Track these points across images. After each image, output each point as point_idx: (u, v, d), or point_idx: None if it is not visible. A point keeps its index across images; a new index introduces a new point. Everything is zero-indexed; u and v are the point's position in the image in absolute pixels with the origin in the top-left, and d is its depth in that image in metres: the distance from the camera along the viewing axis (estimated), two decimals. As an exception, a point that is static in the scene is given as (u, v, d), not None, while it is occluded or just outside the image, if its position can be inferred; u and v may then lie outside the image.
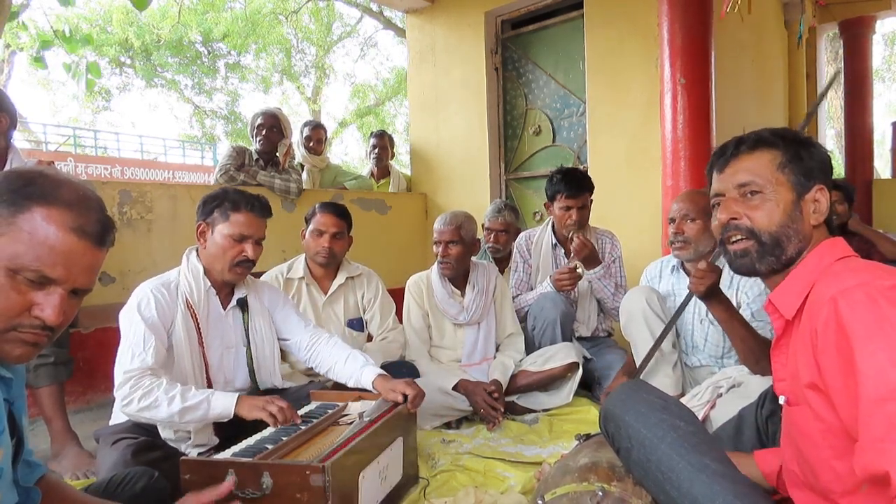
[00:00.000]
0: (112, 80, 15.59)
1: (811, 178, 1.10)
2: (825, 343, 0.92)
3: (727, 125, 3.57)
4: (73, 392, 2.52)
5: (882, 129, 10.85)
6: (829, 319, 0.91)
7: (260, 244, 1.88)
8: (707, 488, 1.03)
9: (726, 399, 1.85)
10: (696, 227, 2.14)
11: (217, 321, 1.89)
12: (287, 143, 3.70)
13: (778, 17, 5.06)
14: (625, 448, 1.18)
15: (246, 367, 1.96)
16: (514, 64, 4.44)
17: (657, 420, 1.14)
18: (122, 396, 1.59)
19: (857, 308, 0.87)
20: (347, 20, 15.67)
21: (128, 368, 1.61)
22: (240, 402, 1.63)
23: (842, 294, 0.90)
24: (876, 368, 0.82)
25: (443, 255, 2.53)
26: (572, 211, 2.77)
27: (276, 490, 1.30)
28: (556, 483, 1.25)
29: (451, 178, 4.61)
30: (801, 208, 1.10)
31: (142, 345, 1.65)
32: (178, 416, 1.58)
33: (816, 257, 1.08)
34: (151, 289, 1.77)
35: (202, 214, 1.86)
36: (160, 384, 1.59)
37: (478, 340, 2.62)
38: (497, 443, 2.20)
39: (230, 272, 1.84)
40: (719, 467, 1.06)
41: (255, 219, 1.84)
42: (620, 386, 1.31)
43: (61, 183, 0.88)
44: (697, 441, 1.11)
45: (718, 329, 2.17)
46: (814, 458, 1.02)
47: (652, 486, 1.13)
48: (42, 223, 0.84)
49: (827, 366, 0.92)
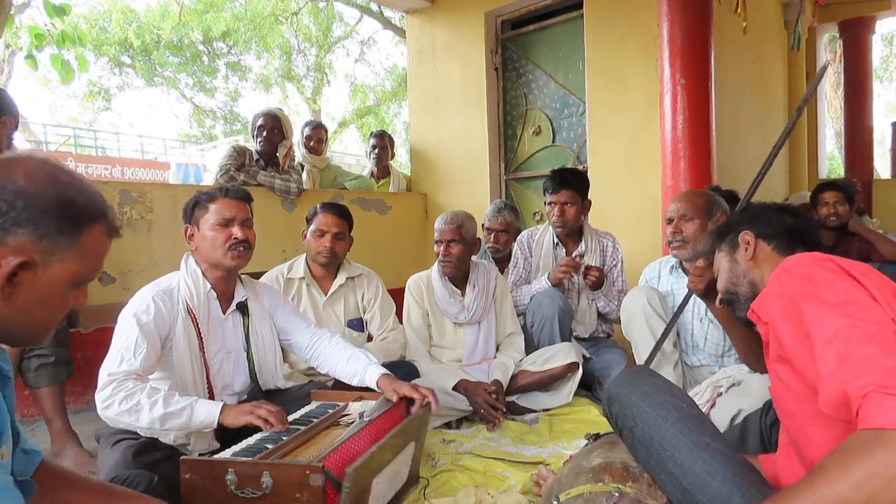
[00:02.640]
0: (112, 80, 15.62)
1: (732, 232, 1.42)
2: (777, 313, 1.05)
3: (727, 125, 3.58)
4: (73, 392, 2.52)
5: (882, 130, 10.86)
6: (777, 294, 1.06)
7: (248, 227, 1.87)
8: (708, 465, 1.06)
9: (726, 398, 1.86)
10: (693, 226, 2.14)
11: (217, 325, 1.88)
12: (288, 144, 3.70)
13: (778, 17, 5.07)
14: (629, 427, 1.21)
15: (246, 371, 1.95)
16: (514, 64, 4.44)
17: (661, 400, 1.18)
18: (104, 399, 1.53)
19: (798, 275, 1.02)
20: (348, 20, 15.71)
21: (113, 371, 1.57)
22: (224, 410, 1.58)
23: (784, 271, 1.07)
24: (819, 318, 0.93)
25: (444, 254, 2.53)
26: (555, 206, 2.80)
27: (275, 490, 1.30)
28: (571, 483, 1.25)
29: (451, 178, 4.61)
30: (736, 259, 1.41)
31: (132, 350, 1.61)
32: (159, 421, 1.52)
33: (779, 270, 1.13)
34: (153, 295, 1.74)
35: (186, 219, 1.88)
36: (143, 388, 1.55)
37: (478, 340, 2.62)
38: (497, 443, 2.20)
39: (227, 257, 1.82)
40: (720, 446, 1.09)
41: (232, 201, 1.85)
42: (625, 370, 1.36)
43: (91, 193, 0.93)
44: (699, 422, 1.14)
45: (718, 328, 2.18)
46: (794, 428, 1.07)
47: (655, 465, 1.15)
48: (94, 241, 0.92)
49: (785, 333, 1.02)
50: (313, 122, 4.38)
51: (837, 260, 1.02)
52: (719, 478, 1.04)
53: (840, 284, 0.96)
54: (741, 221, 1.43)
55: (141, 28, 13.57)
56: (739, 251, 1.39)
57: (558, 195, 2.80)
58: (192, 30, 13.66)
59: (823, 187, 3.53)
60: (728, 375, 1.98)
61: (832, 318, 0.91)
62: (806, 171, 5.48)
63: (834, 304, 0.93)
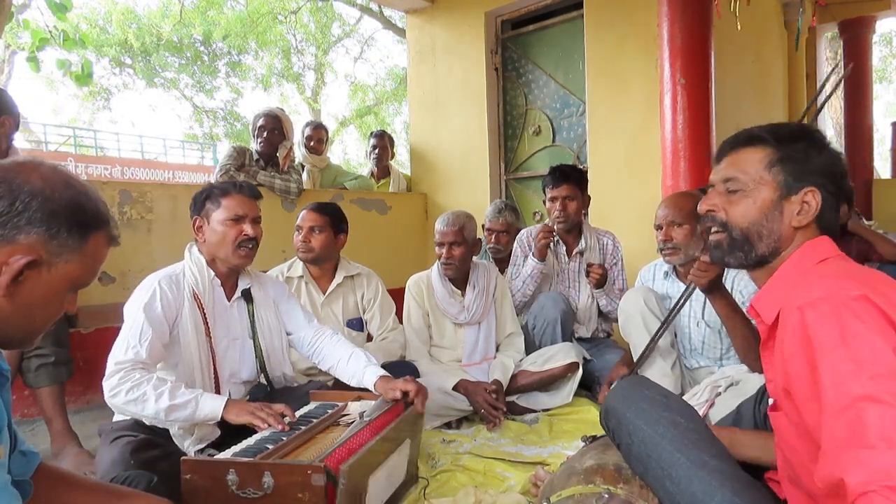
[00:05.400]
0: (112, 80, 15.60)
1: (802, 180, 1.08)
2: (792, 351, 0.93)
3: (727, 125, 3.56)
4: (73, 392, 2.52)
5: (882, 130, 10.86)
6: (796, 329, 0.92)
7: (257, 224, 1.88)
8: (706, 484, 1.04)
9: (725, 397, 1.86)
10: (683, 231, 2.13)
11: (222, 312, 1.89)
12: (288, 145, 3.69)
13: (778, 17, 5.06)
14: (625, 444, 1.19)
15: (253, 360, 1.96)
16: (514, 64, 4.44)
17: (657, 416, 1.15)
18: (111, 387, 1.55)
19: (822, 319, 0.88)
20: (348, 19, 15.70)
21: (120, 360, 1.59)
22: (228, 405, 1.61)
23: (809, 305, 0.91)
24: (836, 379, 0.83)
25: (446, 256, 2.54)
26: (557, 201, 2.81)
27: (277, 490, 1.30)
28: (562, 485, 1.26)
29: (451, 178, 4.61)
30: (783, 208, 1.08)
31: (138, 337, 1.63)
32: (164, 413, 1.55)
33: (796, 260, 1.07)
34: (160, 280, 1.77)
35: (195, 210, 1.89)
36: (150, 378, 1.57)
37: (478, 340, 2.62)
38: (497, 443, 2.20)
39: (235, 255, 1.83)
40: (718, 464, 1.07)
41: (245, 199, 1.86)
42: (621, 381, 1.32)
43: (98, 201, 0.95)
44: (697, 437, 1.12)
45: (715, 331, 2.18)
46: (794, 460, 1.03)
47: (652, 482, 1.14)
48: (98, 247, 0.95)
49: (795, 373, 0.93)
50: (314, 123, 4.38)
51: (876, 298, 0.87)
52: (717, 499, 1.02)
53: (870, 342, 0.83)
54: (812, 171, 1.07)
55: (141, 29, 13.56)
56: (792, 204, 1.08)
57: (559, 189, 2.81)
58: (194, 28, 13.63)
59: None
60: (727, 375, 1.98)
61: (851, 384, 0.81)
62: (806, 171, 5.47)
63: (856, 366, 0.82)
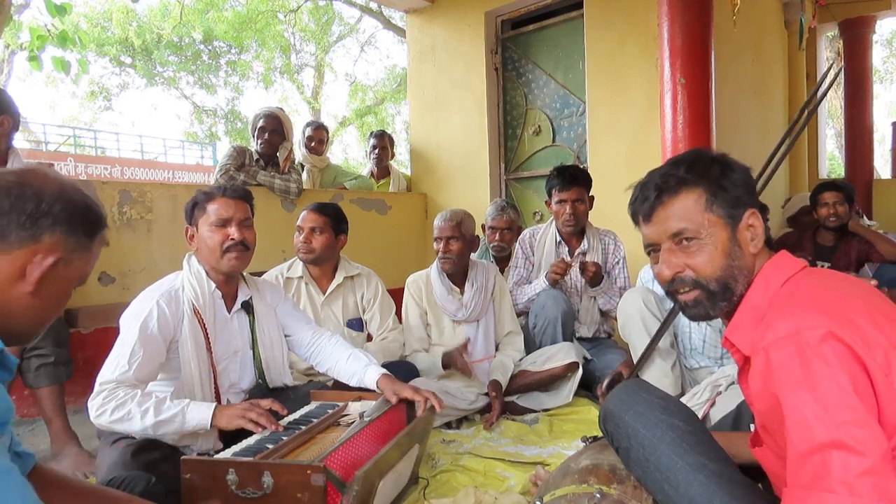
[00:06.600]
0: (112, 80, 15.60)
1: (738, 206, 1.06)
2: (759, 392, 0.94)
3: (727, 125, 3.58)
4: (73, 392, 2.51)
5: (882, 130, 10.87)
6: (762, 371, 0.92)
7: (247, 227, 1.84)
8: (704, 488, 1.04)
9: (726, 396, 1.86)
10: None
11: (223, 325, 1.87)
12: (289, 145, 3.68)
13: (778, 17, 5.07)
14: (624, 447, 1.19)
15: (253, 370, 1.94)
16: (514, 64, 4.44)
17: (656, 420, 1.15)
18: (95, 407, 1.53)
19: (787, 360, 0.87)
20: (348, 19, 15.70)
21: (105, 379, 1.57)
22: (217, 413, 1.58)
23: (773, 345, 0.90)
24: (802, 423, 0.83)
25: (444, 250, 2.55)
26: (566, 204, 2.80)
27: (276, 490, 1.30)
28: (556, 484, 1.26)
29: (451, 178, 4.61)
30: (738, 241, 1.06)
31: (127, 358, 1.60)
32: (151, 429, 1.53)
33: (762, 285, 1.05)
34: (158, 299, 1.72)
35: (187, 220, 1.87)
36: (133, 396, 1.54)
37: (477, 338, 2.63)
38: (497, 443, 2.20)
39: (224, 259, 1.79)
40: (717, 467, 1.07)
41: (230, 201, 1.81)
42: (620, 385, 1.31)
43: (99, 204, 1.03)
44: (696, 441, 1.11)
45: (715, 330, 2.18)
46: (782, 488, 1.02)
47: (651, 486, 1.14)
48: (98, 246, 1.03)
49: (767, 412, 0.95)
50: (315, 123, 4.38)
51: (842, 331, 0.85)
52: (715, 502, 1.02)
53: (836, 385, 0.82)
54: (740, 193, 1.07)
55: (141, 28, 13.55)
56: (742, 233, 1.06)
57: (569, 192, 2.80)
58: (194, 28, 13.62)
59: (823, 188, 3.52)
60: (727, 374, 1.98)
61: (817, 429, 0.81)
62: (806, 171, 5.48)
63: (822, 411, 0.81)
